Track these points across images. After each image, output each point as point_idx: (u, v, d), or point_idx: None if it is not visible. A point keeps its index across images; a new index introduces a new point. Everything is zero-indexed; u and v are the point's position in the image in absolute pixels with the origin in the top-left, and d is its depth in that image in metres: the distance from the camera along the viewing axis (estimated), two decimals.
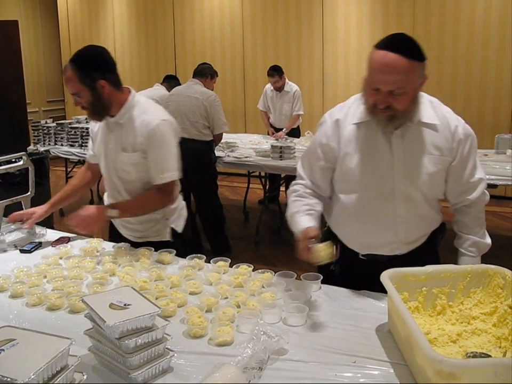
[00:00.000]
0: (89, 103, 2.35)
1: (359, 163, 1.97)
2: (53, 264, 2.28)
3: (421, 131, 1.95)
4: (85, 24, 9.94)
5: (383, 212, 1.99)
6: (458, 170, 2.00)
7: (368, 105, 1.89)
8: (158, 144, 2.39)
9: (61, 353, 1.24)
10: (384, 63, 1.77)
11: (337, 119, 2.03)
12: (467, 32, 6.78)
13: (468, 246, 2.09)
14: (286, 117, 6.79)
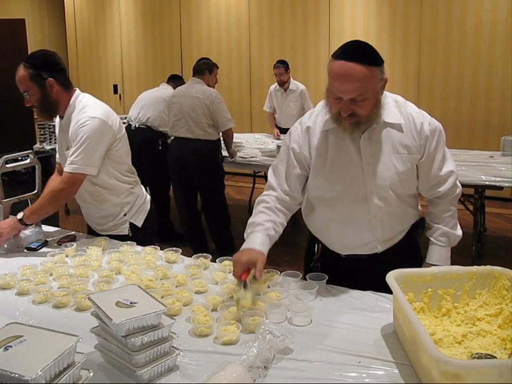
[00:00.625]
0: (38, 101, 2.51)
1: (330, 170, 2.02)
2: (59, 262, 2.30)
3: (387, 132, 1.99)
4: (92, 23, 9.97)
5: (358, 214, 2.03)
6: (427, 165, 2.04)
7: (332, 114, 1.93)
8: (79, 138, 2.48)
9: (68, 350, 1.24)
10: (342, 73, 1.81)
11: (307, 127, 2.08)
12: (474, 33, 6.76)
13: (438, 235, 2.13)
14: (291, 116, 6.74)
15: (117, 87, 9.80)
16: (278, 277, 2.09)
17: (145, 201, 2.81)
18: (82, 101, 2.57)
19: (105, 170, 2.60)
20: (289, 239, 5.89)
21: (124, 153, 2.66)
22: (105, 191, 2.64)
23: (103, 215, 2.72)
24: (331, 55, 1.89)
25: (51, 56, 2.56)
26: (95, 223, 2.79)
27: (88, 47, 10.07)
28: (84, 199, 2.72)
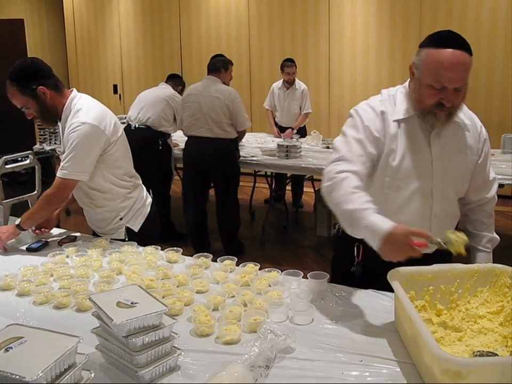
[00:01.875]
0: (37, 112, 2.51)
1: (402, 161, 1.96)
2: (60, 262, 2.29)
3: (455, 130, 1.99)
4: (91, 23, 9.96)
5: (420, 210, 1.99)
6: (481, 169, 2.07)
7: (426, 106, 1.87)
8: (71, 143, 2.47)
9: (69, 351, 1.24)
10: (454, 62, 1.79)
11: (382, 111, 1.97)
12: (474, 31, 6.75)
13: (486, 242, 2.15)
14: (292, 115, 6.75)
15: (116, 87, 9.80)
16: (280, 276, 2.09)
17: (144, 205, 2.78)
18: (77, 104, 2.54)
19: (100, 174, 2.58)
20: (291, 238, 5.90)
21: (120, 157, 2.62)
22: (101, 195, 2.63)
23: (100, 218, 2.71)
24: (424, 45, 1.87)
25: (32, 65, 2.51)
26: (94, 225, 2.79)
27: (87, 47, 10.06)
28: (82, 202, 2.72)
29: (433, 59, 1.82)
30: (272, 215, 6.11)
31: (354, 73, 7.67)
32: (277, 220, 6.40)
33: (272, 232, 6.00)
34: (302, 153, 5.33)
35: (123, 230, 2.70)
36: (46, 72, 2.51)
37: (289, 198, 6.87)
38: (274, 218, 6.36)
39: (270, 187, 6.43)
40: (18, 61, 2.52)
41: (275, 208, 6.39)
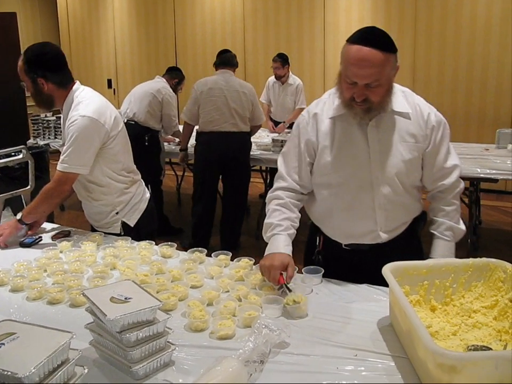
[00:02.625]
0: (31, 94, 2.57)
1: (337, 156, 2.02)
2: (53, 258, 2.28)
3: (395, 120, 2.00)
4: (85, 17, 9.91)
5: (362, 202, 2.04)
6: (433, 156, 2.06)
7: (344, 99, 1.93)
8: (70, 137, 2.48)
9: (62, 347, 1.23)
10: (359, 57, 1.82)
11: (315, 113, 2.09)
12: (469, 26, 6.75)
13: (443, 230, 2.12)
14: (287, 110, 6.74)
15: (111, 81, 9.76)
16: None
17: (141, 200, 2.76)
18: (78, 97, 2.54)
19: (98, 168, 2.57)
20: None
21: (118, 152, 2.61)
22: (98, 188, 2.63)
23: (96, 211, 2.71)
24: (346, 40, 1.89)
25: (47, 54, 2.51)
26: (91, 218, 2.79)
27: (81, 41, 10.02)
28: (80, 194, 2.71)
29: (344, 54, 1.88)
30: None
31: None
32: None
33: None
34: None
35: (119, 225, 2.69)
36: (55, 67, 2.51)
37: None
38: None
39: (264, 182, 6.42)
40: (41, 43, 2.61)
41: None
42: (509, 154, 4.90)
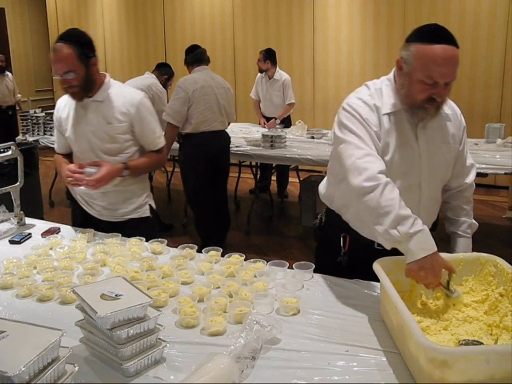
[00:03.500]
0: (82, 80, 2.46)
1: (393, 155, 1.95)
2: (43, 255, 2.27)
3: (439, 121, 2.00)
4: (74, 12, 9.84)
5: (409, 202, 1.92)
6: (461, 155, 2.10)
7: (417, 101, 1.86)
8: (146, 115, 2.62)
9: (52, 345, 1.22)
10: (446, 57, 1.79)
11: (375, 105, 1.94)
12: (457, 22, 6.77)
13: (466, 228, 2.17)
14: (275, 105, 6.74)
15: None
16: (265, 266, 2.08)
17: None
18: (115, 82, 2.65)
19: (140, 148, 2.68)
20: (276, 228, 5.90)
21: None
22: None
23: (127, 197, 2.67)
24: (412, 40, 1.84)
25: (88, 35, 2.55)
26: (112, 210, 2.67)
27: None
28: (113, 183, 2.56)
29: (425, 55, 1.80)
30: (257, 205, 6.11)
31: (339, 63, 7.66)
32: (262, 210, 6.39)
33: (257, 222, 5.99)
34: (286, 143, 5.32)
35: (147, 207, 2.75)
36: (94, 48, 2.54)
37: (274, 188, 6.87)
38: (259, 209, 6.35)
39: (255, 177, 6.42)
40: (74, 29, 2.57)
41: (260, 199, 6.38)
42: (498, 149, 4.92)
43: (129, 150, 2.61)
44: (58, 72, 2.45)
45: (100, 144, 2.57)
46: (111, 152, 2.58)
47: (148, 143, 2.66)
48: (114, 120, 2.55)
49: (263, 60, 6.53)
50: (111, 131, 2.55)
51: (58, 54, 2.42)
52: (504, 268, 1.70)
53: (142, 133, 2.62)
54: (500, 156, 4.64)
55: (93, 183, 2.42)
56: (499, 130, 5.26)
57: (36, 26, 10.60)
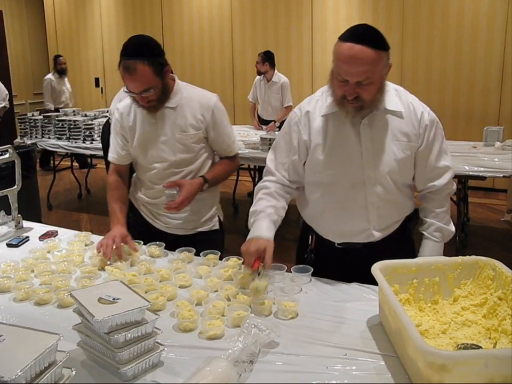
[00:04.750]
0: (159, 92, 2.30)
1: (329, 154, 2.01)
2: (41, 258, 2.26)
3: (388, 118, 1.99)
4: (72, 15, 9.84)
5: (354, 200, 2.03)
6: (425, 155, 2.05)
7: (336, 97, 1.92)
8: (222, 119, 2.47)
9: (49, 349, 1.21)
10: (350, 55, 1.80)
11: (307, 111, 2.06)
12: (456, 24, 6.78)
13: (433, 230, 2.14)
14: (273, 108, 6.76)
15: (98, 80, 9.70)
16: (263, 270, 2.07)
17: None
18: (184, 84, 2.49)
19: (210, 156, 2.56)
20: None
21: None
22: None
23: (197, 209, 2.51)
24: (338, 37, 1.87)
25: (155, 40, 2.36)
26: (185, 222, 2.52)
27: (68, 39, 9.94)
28: None
29: (336, 52, 1.86)
30: None
31: None
32: None
33: None
34: None
35: (217, 219, 2.62)
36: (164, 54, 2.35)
37: None
38: None
39: (253, 180, 6.41)
40: (139, 38, 2.33)
41: None
42: (496, 152, 4.92)
43: (200, 159, 2.47)
44: (134, 91, 2.27)
45: (172, 155, 2.41)
46: (183, 163, 2.43)
47: (223, 149, 2.52)
48: (189, 128, 2.39)
49: (261, 62, 6.55)
50: (185, 140, 2.39)
51: (132, 73, 2.21)
52: (503, 271, 1.70)
53: (217, 139, 2.46)
54: (498, 159, 4.64)
55: (175, 205, 2.32)
56: (497, 133, 5.26)
57: (33, 28, 10.59)
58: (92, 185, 7.63)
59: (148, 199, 2.54)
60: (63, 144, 6.30)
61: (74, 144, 6.26)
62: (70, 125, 6.31)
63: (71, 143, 6.27)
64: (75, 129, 6.27)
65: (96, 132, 6.20)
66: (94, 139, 6.20)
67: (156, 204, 2.52)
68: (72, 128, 6.28)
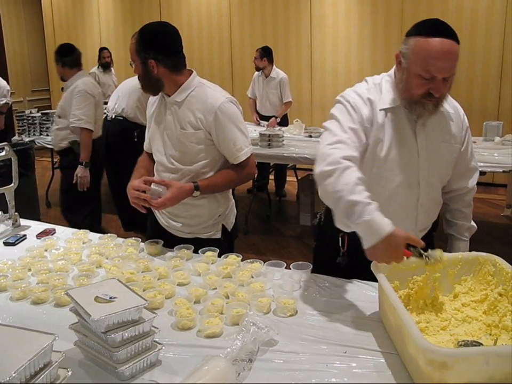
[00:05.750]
0: (139, 75, 2.39)
1: (389, 151, 1.92)
2: (38, 256, 2.24)
3: (440, 119, 1.98)
4: (69, 11, 9.80)
5: (407, 200, 1.98)
6: (464, 156, 2.08)
7: (414, 96, 1.84)
8: (226, 123, 2.32)
9: (44, 349, 1.20)
10: (443, 51, 1.75)
11: (369, 99, 1.92)
12: (455, 19, 6.75)
13: (464, 231, 2.17)
14: (272, 104, 6.74)
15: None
16: (262, 267, 2.06)
17: (233, 201, 2.61)
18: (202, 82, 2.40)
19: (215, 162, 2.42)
20: (274, 227, 5.88)
21: None
22: None
23: (196, 214, 2.42)
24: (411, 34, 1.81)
25: (163, 35, 2.36)
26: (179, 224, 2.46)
27: (66, 36, 9.90)
28: None
29: (422, 48, 1.77)
30: (255, 204, 6.09)
31: (337, 61, 7.64)
32: (260, 210, 6.37)
33: (255, 222, 5.97)
34: (284, 142, 5.31)
35: (220, 228, 2.49)
36: (169, 51, 2.34)
37: (272, 187, 6.85)
38: (257, 208, 6.34)
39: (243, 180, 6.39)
40: (159, 23, 2.54)
41: (258, 198, 6.36)
42: (496, 147, 4.91)
43: (200, 163, 2.36)
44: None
45: (172, 150, 2.38)
46: (184, 161, 2.37)
47: (228, 156, 2.38)
48: (188, 126, 2.33)
49: (259, 58, 6.53)
50: (183, 137, 2.34)
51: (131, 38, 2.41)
52: (503, 267, 1.68)
53: (220, 144, 2.34)
54: (498, 154, 4.63)
55: (156, 205, 2.27)
56: (497, 128, 5.25)
57: (31, 25, 10.55)
58: None
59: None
60: None
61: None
62: None
63: None
64: None
65: None
66: None
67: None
68: None
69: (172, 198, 2.25)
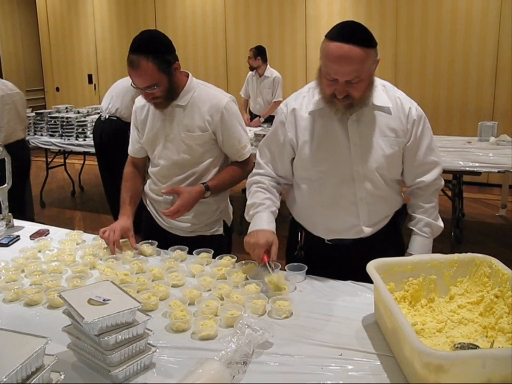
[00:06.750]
0: (165, 90, 2.26)
1: (317, 150, 2.01)
2: (31, 257, 2.22)
3: (375, 114, 1.99)
4: (64, 11, 9.76)
5: (344, 196, 2.03)
6: (413, 151, 2.05)
7: (325, 95, 1.90)
8: (231, 122, 2.38)
9: (36, 353, 1.18)
10: (339, 55, 1.78)
11: (293, 108, 2.06)
12: (450, 19, 6.76)
13: (422, 226, 2.13)
14: (265, 103, 6.77)
15: (91, 76, 9.64)
16: (257, 268, 2.05)
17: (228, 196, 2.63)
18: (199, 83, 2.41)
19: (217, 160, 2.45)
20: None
21: None
22: None
23: (199, 212, 2.42)
24: (325, 36, 1.86)
25: (165, 36, 2.30)
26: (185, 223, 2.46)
27: (60, 35, 9.87)
28: None
29: (324, 51, 1.84)
30: None
31: None
32: None
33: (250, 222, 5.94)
34: None
35: (221, 224, 2.52)
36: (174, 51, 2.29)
37: None
38: None
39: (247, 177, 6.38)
40: (147, 33, 2.29)
41: None
42: (491, 147, 4.92)
43: (205, 163, 2.39)
44: (138, 86, 2.23)
45: (175, 154, 2.37)
46: (185, 164, 2.38)
47: (232, 154, 2.43)
48: (196, 129, 2.33)
49: (253, 57, 6.54)
50: (189, 140, 2.33)
51: (135, 68, 2.18)
52: (499, 268, 1.68)
53: (226, 142, 2.38)
54: (493, 154, 4.64)
55: (170, 214, 2.27)
56: (492, 128, 5.25)
57: (26, 25, 10.51)
58: (85, 182, 7.58)
59: (153, 195, 2.51)
60: (55, 141, 6.26)
61: (67, 141, 6.22)
62: (63, 122, 6.26)
63: (63, 140, 6.22)
64: (68, 126, 6.23)
65: (89, 129, 6.15)
66: (87, 136, 6.14)
67: (159, 201, 2.49)
68: (65, 125, 6.23)
69: (184, 204, 2.28)
